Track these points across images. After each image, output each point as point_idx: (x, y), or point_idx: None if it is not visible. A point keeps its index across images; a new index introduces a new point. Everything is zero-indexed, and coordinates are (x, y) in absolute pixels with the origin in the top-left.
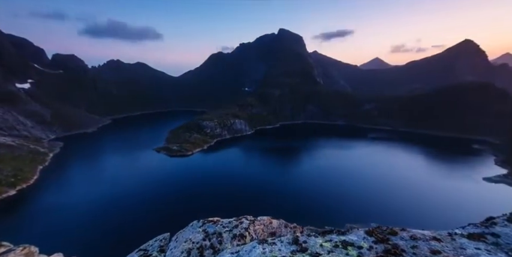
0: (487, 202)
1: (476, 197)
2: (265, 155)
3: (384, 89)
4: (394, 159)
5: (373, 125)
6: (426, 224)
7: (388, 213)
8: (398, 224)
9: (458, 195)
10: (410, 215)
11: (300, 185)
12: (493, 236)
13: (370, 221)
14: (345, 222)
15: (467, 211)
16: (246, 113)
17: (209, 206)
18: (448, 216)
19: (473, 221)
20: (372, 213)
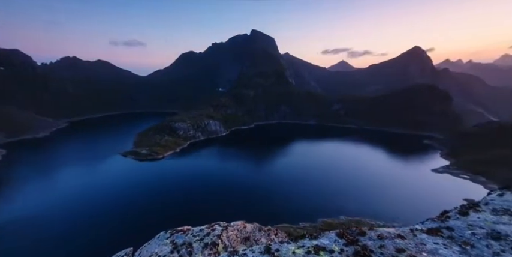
0: (435, 189)
1: (426, 186)
2: (241, 155)
3: (350, 90)
4: (360, 156)
5: (341, 124)
6: (388, 211)
7: (356, 204)
8: (365, 214)
9: (413, 184)
10: (375, 205)
11: (274, 184)
12: (448, 230)
13: (340, 214)
14: (318, 217)
15: (421, 198)
16: (220, 114)
17: (181, 213)
18: (407, 203)
19: (426, 209)
20: (342, 206)
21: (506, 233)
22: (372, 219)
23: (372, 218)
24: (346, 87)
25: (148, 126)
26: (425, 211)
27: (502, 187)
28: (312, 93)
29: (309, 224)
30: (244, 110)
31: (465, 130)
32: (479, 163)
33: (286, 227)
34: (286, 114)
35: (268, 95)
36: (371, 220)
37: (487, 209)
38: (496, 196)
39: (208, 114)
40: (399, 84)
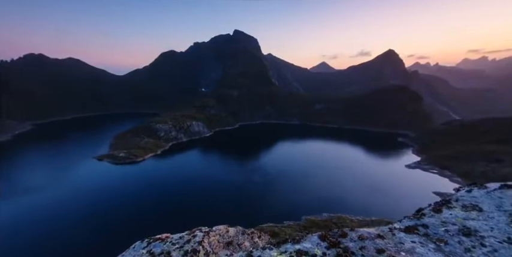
0: (409, 183)
1: (401, 180)
2: (225, 156)
3: (331, 91)
4: (340, 154)
5: (323, 123)
6: (367, 206)
7: (337, 201)
8: (345, 210)
9: (389, 179)
10: (354, 201)
11: (259, 185)
12: (423, 227)
13: (322, 212)
14: (302, 215)
15: (396, 192)
16: (203, 115)
17: (161, 220)
18: (383, 197)
19: (401, 203)
20: (324, 203)
21: (475, 229)
22: (352, 214)
23: (351, 213)
24: (327, 88)
25: (126, 128)
26: (399, 204)
27: (470, 184)
28: (295, 93)
29: (293, 223)
30: (228, 110)
31: (433, 128)
32: (445, 158)
33: (271, 227)
34: (270, 115)
35: (252, 96)
36: (351, 216)
37: (457, 206)
38: (465, 192)
39: (191, 115)
40: (375, 85)
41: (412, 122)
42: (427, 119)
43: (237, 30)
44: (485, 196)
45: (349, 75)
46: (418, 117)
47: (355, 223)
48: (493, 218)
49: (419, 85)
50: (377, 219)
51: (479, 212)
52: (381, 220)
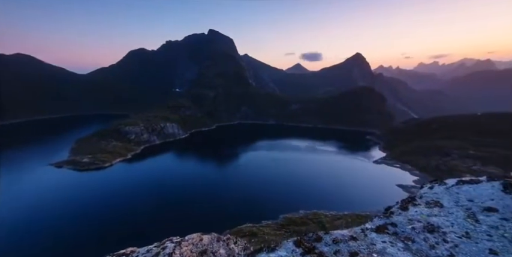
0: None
1: (369, 175)
2: (201, 158)
3: (305, 91)
4: (315, 152)
5: (298, 123)
6: (340, 200)
7: (312, 198)
8: (320, 206)
9: (359, 174)
10: (328, 196)
11: (236, 186)
12: (392, 226)
13: (299, 209)
14: (280, 213)
15: (365, 185)
16: (178, 116)
17: (128, 232)
18: (354, 191)
19: (370, 195)
20: (300, 201)
21: (438, 225)
22: (326, 210)
23: (326, 209)
24: (301, 89)
25: (91, 132)
26: (368, 197)
27: (431, 180)
28: (272, 94)
29: (272, 221)
30: (204, 111)
31: (395, 126)
32: (406, 153)
33: (250, 227)
34: (247, 115)
35: (229, 96)
36: (325, 211)
37: (422, 203)
38: (428, 189)
39: (164, 117)
40: (346, 86)
41: (378, 121)
42: (390, 118)
43: (212, 30)
44: (445, 192)
45: (322, 77)
46: (383, 116)
47: (329, 218)
48: (452, 214)
49: (383, 87)
50: (349, 213)
51: (440, 208)
52: (352, 213)
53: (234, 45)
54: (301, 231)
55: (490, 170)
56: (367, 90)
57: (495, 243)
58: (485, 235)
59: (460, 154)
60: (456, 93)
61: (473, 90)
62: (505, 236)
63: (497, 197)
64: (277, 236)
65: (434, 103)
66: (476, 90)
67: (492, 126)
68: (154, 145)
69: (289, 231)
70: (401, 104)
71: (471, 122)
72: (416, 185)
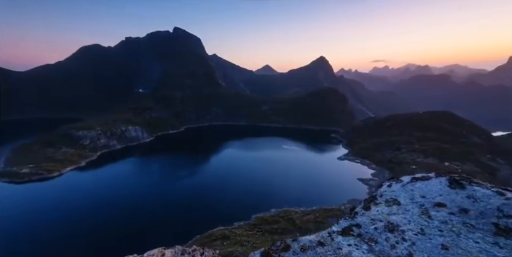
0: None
1: (334, 170)
2: (168, 162)
3: (275, 92)
4: (284, 151)
5: (269, 123)
6: (308, 196)
7: (283, 196)
8: (290, 203)
9: (325, 170)
10: (297, 193)
11: (206, 189)
12: (357, 227)
13: (270, 208)
14: (252, 214)
15: (330, 180)
16: (142, 118)
17: (79, 254)
18: (321, 186)
19: (336, 189)
20: (271, 199)
21: (397, 224)
22: (296, 207)
23: (296, 205)
24: (271, 89)
25: (33, 139)
26: (333, 191)
27: (390, 178)
28: (242, 94)
29: (244, 223)
30: (171, 112)
31: (356, 125)
32: (365, 149)
33: (222, 230)
34: (218, 116)
35: (199, 97)
36: (296, 208)
37: (382, 201)
38: (386, 187)
39: (126, 119)
40: (312, 87)
41: (341, 120)
42: (351, 117)
43: (178, 28)
44: (401, 190)
45: (290, 78)
46: (345, 115)
47: (299, 215)
48: (409, 211)
49: (344, 88)
50: (317, 208)
51: (398, 206)
52: (320, 208)
53: (201, 44)
54: (272, 229)
55: (430, 161)
56: (331, 91)
57: (446, 238)
58: (437, 231)
59: (407, 148)
60: (403, 93)
61: (416, 91)
62: (453, 230)
63: (445, 193)
64: (249, 237)
65: (386, 103)
66: (418, 91)
67: (431, 123)
68: (114, 150)
69: (261, 230)
70: (360, 104)
71: (415, 119)
72: (373, 178)
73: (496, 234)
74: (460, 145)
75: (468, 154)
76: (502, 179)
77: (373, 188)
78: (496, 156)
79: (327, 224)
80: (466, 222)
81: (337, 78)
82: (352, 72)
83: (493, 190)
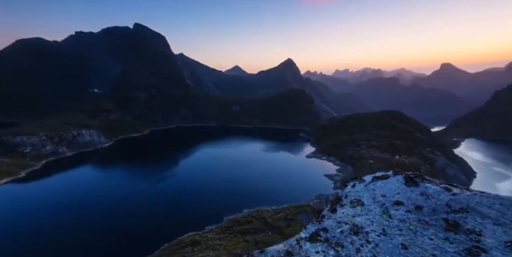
0: (308, 169)
1: (303, 168)
2: (129, 169)
3: (245, 93)
4: (255, 151)
5: (240, 124)
6: (279, 194)
7: (254, 195)
8: (262, 203)
9: (294, 168)
10: (269, 192)
11: (174, 195)
12: (324, 231)
13: (243, 208)
14: (223, 216)
15: (300, 177)
16: (99, 121)
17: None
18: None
19: (305, 185)
20: (243, 200)
21: (361, 226)
22: (268, 205)
23: (268, 204)
24: (241, 90)
25: None
26: (302, 188)
27: (353, 178)
28: (212, 95)
29: (215, 226)
30: (134, 114)
31: (322, 124)
32: (330, 147)
33: (192, 236)
34: (186, 118)
35: (165, 98)
36: (267, 207)
37: (347, 203)
38: (351, 187)
39: (79, 122)
40: (281, 88)
41: (308, 119)
42: (317, 116)
43: (139, 24)
44: (364, 190)
45: (260, 79)
46: (312, 115)
47: (271, 213)
48: (371, 211)
49: (311, 89)
50: (288, 206)
51: (362, 207)
52: (291, 205)
53: (166, 43)
54: (245, 230)
55: (384, 155)
56: (299, 92)
57: (405, 237)
58: (397, 230)
59: (366, 144)
60: (362, 94)
61: (372, 93)
62: (411, 228)
63: (402, 191)
64: (221, 240)
65: (347, 103)
66: (374, 92)
67: (385, 121)
68: (63, 157)
69: (233, 232)
70: (325, 104)
71: (372, 118)
72: (338, 174)
73: (446, 229)
74: (407, 140)
75: (413, 148)
76: (439, 169)
77: (338, 183)
78: (434, 149)
79: (297, 220)
80: (421, 219)
81: (304, 79)
82: (317, 74)
83: (442, 186)
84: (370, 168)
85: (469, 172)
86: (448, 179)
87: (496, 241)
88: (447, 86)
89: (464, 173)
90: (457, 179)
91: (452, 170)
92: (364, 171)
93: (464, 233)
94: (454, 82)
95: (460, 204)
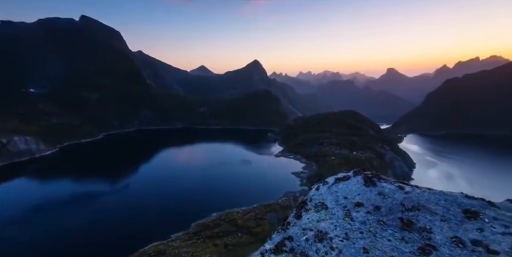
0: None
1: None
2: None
3: (212, 93)
4: (224, 152)
5: (208, 125)
6: (249, 195)
7: (224, 197)
8: (232, 204)
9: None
10: (238, 193)
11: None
12: (289, 240)
13: (212, 212)
14: (191, 222)
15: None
16: (37, 126)
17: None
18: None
19: (274, 185)
20: (212, 203)
21: (325, 231)
22: (238, 207)
23: (238, 205)
24: (207, 91)
25: None
26: (271, 186)
27: (318, 180)
28: (177, 95)
29: (182, 233)
30: (84, 117)
31: (288, 124)
32: (296, 146)
33: (156, 246)
34: (149, 120)
35: (122, 98)
36: (237, 208)
37: (312, 207)
38: (315, 190)
39: (10, 128)
40: (248, 89)
41: (276, 120)
42: (284, 116)
43: (87, 16)
44: (327, 192)
45: (227, 80)
46: (279, 115)
47: (241, 214)
48: (334, 215)
49: (277, 90)
50: (257, 205)
51: (326, 211)
52: (260, 205)
53: (122, 39)
54: (213, 234)
55: (344, 152)
56: (266, 93)
57: (366, 240)
58: (359, 233)
59: (328, 142)
60: (323, 95)
61: (331, 94)
62: (371, 230)
63: (362, 192)
64: (189, 247)
65: (311, 103)
66: (333, 94)
67: (343, 120)
68: None
69: (201, 237)
70: (291, 105)
71: (332, 118)
72: (304, 171)
73: (402, 229)
74: (362, 137)
75: (367, 144)
76: (388, 162)
77: (304, 180)
78: (384, 144)
79: (267, 219)
80: (380, 220)
81: (271, 81)
82: (283, 75)
83: (396, 185)
84: (332, 164)
85: (411, 163)
86: (395, 170)
87: (444, 237)
88: (392, 88)
89: (407, 165)
90: (402, 169)
91: (398, 163)
92: (327, 167)
93: (417, 231)
94: (397, 85)
95: (413, 202)
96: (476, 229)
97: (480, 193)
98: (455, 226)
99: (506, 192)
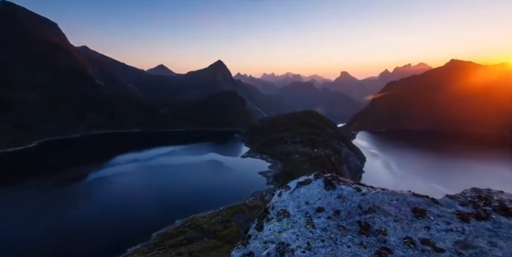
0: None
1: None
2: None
3: (173, 94)
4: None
5: (170, 128)
6: (215, 198)
7: (188, 203)
8: (197, 209)
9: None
10: (204, 197)
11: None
12: (249, 256)
13: (175, 219)
14: (152, 232)
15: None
16: None
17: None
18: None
19: (242, 185)
20: (175, 210)
21: (287, 243)
22: (204, 211)
23: (203, 210)
24: (168, 91)
25: None
26: (238, 187)
27: (280, 185)
28: (132, 97)
29: (140, 245)
30: (12, 122)
31: (254, 124)
32: (262, 146)
33: None
34: (98, 123)
35: (64, 99)
36: (203, 213)
37: (274, 216)
38: (277, 196)
39: None
40: (211, 90)
41: (241, 120)
42: (249, 117)
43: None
44: (290, 198)
45: (189, 80)
46: (244, 116)
47: (207, 218)
48: (296, 223)
49: (242, 91)
50: (224, 208)
51: (288, 219)
52: (227, 207)
53: (60, 32)
54: (177, 242)
55: (306, 150)
56: (231, 94)
57: (327, 249)
58: (320, 241)
59: (292, 141)
60: (286, 96)
61: (294, 94)
62: (331, 237)
63: (323, 196)
64: None
65: (275, 104)
66: (295, 94)
67: (305, 120)
68: None
69: (164, 247)
70: (256, 106)
71: (295, 117)
72: (270, 170)
73: (360, 233)
74: (322, 135)
75: (326, 141)
76: (344, 157)
77: (270, 179)
78: (340, 141)
79: (234, 221)
80: (340, 225)
81: (235, 81)
82: (247, 77)
83: (353, 186)
84: (296, 162)
85: (362, 157)
86: (350, 164)
87: (398, 239)
88: (346, 89)
89: (359, 159)
90: (355, 163)
91: (352, 158)
92: (291, 165)
93: (373, 234)
94: (350, 87)
95: (369, 204)
96: (424, 227)
97: (408, 173)
98: (406, 226)
99: (425, 171)
